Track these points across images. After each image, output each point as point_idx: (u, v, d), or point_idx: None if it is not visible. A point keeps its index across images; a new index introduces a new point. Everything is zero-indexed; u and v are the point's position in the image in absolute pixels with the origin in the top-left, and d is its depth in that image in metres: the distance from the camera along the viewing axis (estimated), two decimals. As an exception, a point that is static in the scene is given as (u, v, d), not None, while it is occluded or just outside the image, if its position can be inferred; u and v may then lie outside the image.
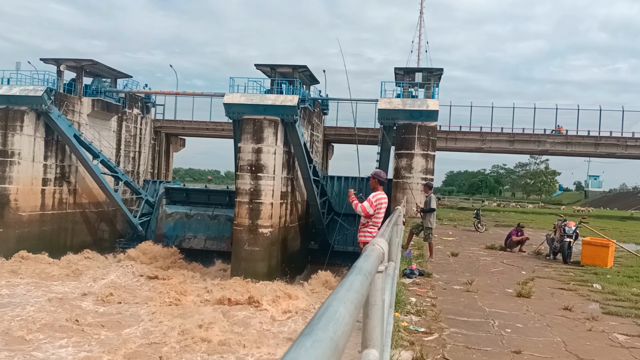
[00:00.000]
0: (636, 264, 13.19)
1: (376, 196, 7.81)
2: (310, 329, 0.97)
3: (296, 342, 0.92)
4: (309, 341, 0.91)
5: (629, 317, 7.61)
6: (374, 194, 7.87)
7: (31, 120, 26.66)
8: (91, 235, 30.51)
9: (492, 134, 38.29)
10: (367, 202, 7.75)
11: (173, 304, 20.28)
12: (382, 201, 7.82)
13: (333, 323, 1.04)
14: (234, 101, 26.38)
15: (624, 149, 37.71)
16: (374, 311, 2.27)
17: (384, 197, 7.91)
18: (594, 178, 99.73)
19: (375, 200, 7.75)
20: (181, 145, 42.40)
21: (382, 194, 7.93)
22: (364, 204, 7.74)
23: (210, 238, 31.69)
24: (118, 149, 32.90)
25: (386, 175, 8.52)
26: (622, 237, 21.84)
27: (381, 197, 7.83)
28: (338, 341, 0.99)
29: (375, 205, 7.73)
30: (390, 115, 27.97)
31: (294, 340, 0.94)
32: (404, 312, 7.12)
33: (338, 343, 0.99)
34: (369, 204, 7.72)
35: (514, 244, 15.94)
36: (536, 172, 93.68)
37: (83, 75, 30.93)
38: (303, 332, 0.97)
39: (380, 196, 7.83)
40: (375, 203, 7.73)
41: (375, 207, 7.74)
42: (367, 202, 7.74)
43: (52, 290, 21.27)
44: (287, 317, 19.39)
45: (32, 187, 26.76)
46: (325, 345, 0.93)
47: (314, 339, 0.93)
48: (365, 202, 7.78)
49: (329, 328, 1.01)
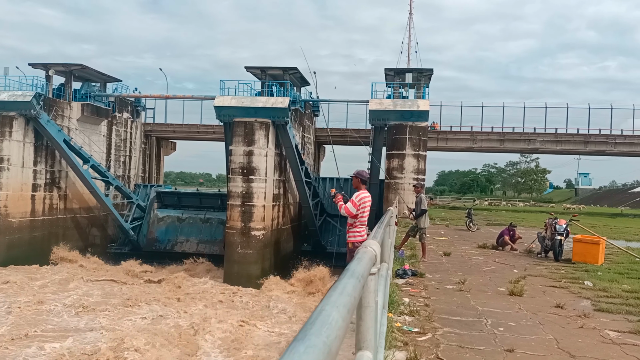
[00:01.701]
0: (626, 261, 13.30)
1: (359, 196, 7.87)
2: (304, 334, 0.98)
3: (289, 347, 0.93)
4: (302, 346, 0.92)
5: (620, 313, 7.68)
6: (357, 193, 7.93)
7: (20, 126, 26.45)
8: (82, 241, 30.28)
9: (483, 134, 38.46)
10: (350, 203, 7.80)
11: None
12: (365, 200, 7.88)
13: (326, 327, 1.05)
14: (224, 104, 26.34)
15: (613, 147, 38.01)
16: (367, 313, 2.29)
17: (368, 196, 7.97)
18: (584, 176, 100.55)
19: (358, 201, 7.80)
20: (172, 149, 42.23)
21: (365, 192, 7.99)
22: (348, 205, 7.80)
23: (203, 241, 31.58)
24: (108, 153, 32.71)
25: (368, 175, 8.58)
26: (612, 234, 22.01)
27: (364, 197, 7.89)
28: (331, 345, 1.00)
29: (359, 205, 7.79)
30: (381, 116, 28.04)
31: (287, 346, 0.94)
32: (397, 313, 7.14)
33: (331, 347, 1.00)
34: (352, 205, 7.78)
35: (505, 243, 16.04)
36: (527, 171, 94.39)
37: (72, 79, 30.73)
38: (296, 337, 0.98)
39: (363, 195, 7.89)
40: (358, 203, 7.79)
41: (359, 207, 7.79)
42: (351, 203, 7.80)
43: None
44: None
45: (22, 193, 26.54)
46: (319, 350, 0.94)
47: (307, 344, 0.93)
48: (348, 203, 7.82)
49: (322, 333, 1.01)
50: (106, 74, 32.45)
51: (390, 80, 31.33)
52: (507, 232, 16.37)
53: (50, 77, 29.68)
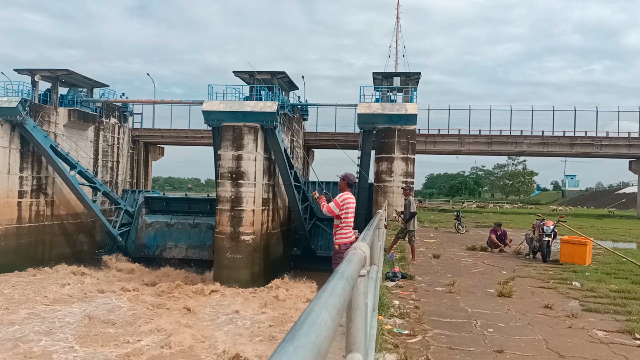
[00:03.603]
0: (613, 261, 13.42)
1: (342, 196, 7.91)
2: (293, 335, 0.98)
3: (278, 348, 0.92)
4: (291, 347, 0.91)
5: (607, 313, 7.74)
6: (341, 194, 7.97)
7: (6, 132, 26.17)
8: (70, 247, 30.00)
9: (470, 137, 38.73)
10: (333, 203, 7.84)
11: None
12: (349, 201, 7.91)
13: (315, 328, 1.04)
14: (213, 108, 26.26)
15: (599, 149, 38.46)
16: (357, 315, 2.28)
17: (352, 198, 8.01)
18: (571, 177, 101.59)
19: (341, 201, 7.83)
20: (160, 154, 42.02)
21: (349, 194, 8.03)
22: (330, 205, 7.84)
23: (192, 247, 31.42)
24: (95, 159, 32.46)
25: (356, 179, 8.65)
26: (599, 234, 22.21)
27: (348, 198, 7.93)
28: (320, 346, 1.00)
29: (342, 205, 7.82)
30: (370, 119, 28.13)
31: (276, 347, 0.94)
32: (387, 315, 7.14)
33: (320, 348, 0.99)
34: (335, 204, 7.81)
35: (493, 244, 16.13)
36: (514, 173, 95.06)
37: (58, 85, 30.51)
38: (285, 338, 0.97)
39: (347, 196, 7.93)
40: (341, 203, 7.82)
41: (342, 207, 7.82)
42: (333, 203, 7.83)
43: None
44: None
45: (8, 200, 26.24)
46: (308, 350, 0.93)
47: (296, 344, 0.93)
48: (331, 202, 7.86)
49: (311, 333, 1.01)
50: (93, 79, 32.25)
51: (378, 84, 31.45)
52: (494, 232, 16.47)
53: (36, 82, 29.45)
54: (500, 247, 16.01)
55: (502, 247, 16.02)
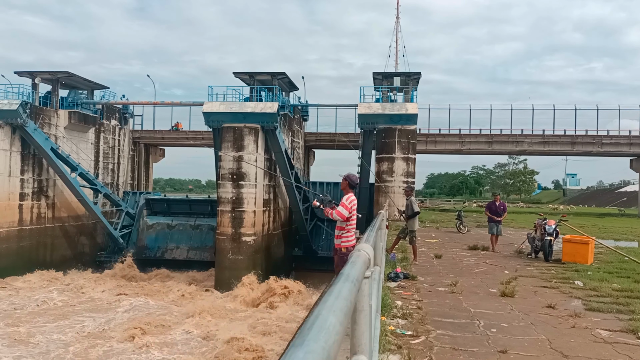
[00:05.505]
0: (615, 260, 13.41)
1: (349, 199, 7.86)
2: (301, 340, 0.96)
3: (287, 353, 0.91)
4: (301, 352, 0.90)
5: (610, 312, 7.73)
6: (347, 196, 7.90)
7: (6, 135, 26.17)
8: (71, 250, 29.99)
9: (471, 136, 38.68)
10: (341, 207, 7.77)
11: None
12: (355, 204, 7.91)
13: (324, 332, 1.03)
14: (213, 110, 26.24)
15: (600, 147, 38.39)
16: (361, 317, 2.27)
17: (355, 200, 8.00)
18: (572, 176, 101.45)
19: (349, 203, 7.80)
20: (161, 156, 42.01)
21: (353, 196, 8.01)
22: (339, 209, 7.75)
23: (193, 248, 31.39)
24: (96, 161, 32.45)
25: (358, 180, 8.60)
26: (600, 233, 22.20)
27: (354, 200, 7.92)
28: (330, 351, 0.98)
29: (350, 207, 7.78)
30: (370, 119, 28.11)
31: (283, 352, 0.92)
32: (390, 316, 7.13)
33: (330, 353, 0.98)
34: (344, 208, 7.75)
35: (496, 212, 16.04)
36: (515, 172, 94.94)
37: (59, 87, 30.49)
38: (294, 343, 0.96)
39: (352, 198, 7.91)
40: (350, 206, 7.78)
41: (350, 210, 7.79)
42: (342, 207, 7.77)
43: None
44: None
45: (9, 203, 26.23)
46: (318, 355, 0.92)
47: (306, 350, 0.92)
48: (340, 206, 7.79)
49: (320, 338, 1.00)
50: (93, 81, 32.23)
51: (378, 84, 31.44)
52: (493, 204, 16.43)
53: (37, 85, 29.43)
54: (493, 246, 15.88)
55: (494, 245, 15.88)
